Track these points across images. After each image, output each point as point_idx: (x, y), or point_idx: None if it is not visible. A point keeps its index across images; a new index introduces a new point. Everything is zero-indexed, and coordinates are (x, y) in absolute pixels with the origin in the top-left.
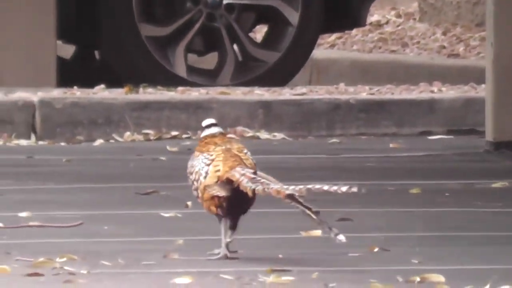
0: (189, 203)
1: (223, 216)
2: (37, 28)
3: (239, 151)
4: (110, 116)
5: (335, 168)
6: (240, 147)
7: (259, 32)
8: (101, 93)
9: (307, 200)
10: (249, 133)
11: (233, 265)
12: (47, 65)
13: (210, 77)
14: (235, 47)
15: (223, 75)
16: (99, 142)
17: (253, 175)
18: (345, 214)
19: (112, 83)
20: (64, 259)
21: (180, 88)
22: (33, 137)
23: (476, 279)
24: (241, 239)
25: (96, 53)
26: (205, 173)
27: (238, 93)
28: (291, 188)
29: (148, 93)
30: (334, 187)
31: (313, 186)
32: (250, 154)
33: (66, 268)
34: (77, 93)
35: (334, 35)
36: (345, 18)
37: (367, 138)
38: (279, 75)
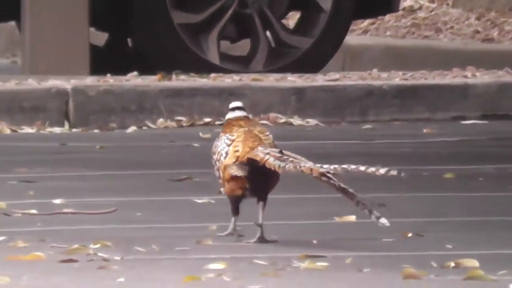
0: (222, 189)
1: (248, 196)
2: (70, 16)
3: (260, 133)
4: (143, 103)
5: (369, 154)
6: (262, 129)
7: (292, 19)
8: (134, 80)
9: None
10: (282, 119)
11: (267, 251)
12: (80, 53)
13: (242, 64)
14: (268, 33)
15: (255, 61)
16: (132, 129)
17: (279, 154)
18: (379, 200)
19: (145, 70)
20: (98, 245)
21: (213, 75)
22: (66, 124)
23: (511, 264)
24: (275, 225)
25: (129, 41)
26: (225, 153)
27: (271, 80)
28: (326, 166)
29: (181, 80)
30: (372, 169)
31: (349, 166)
32: (272, 138)
33: (100, 254)
34: (110, 80)
35: (367, 21)
36: (378, 4)
37: (400, 123)
38: (312, 62)
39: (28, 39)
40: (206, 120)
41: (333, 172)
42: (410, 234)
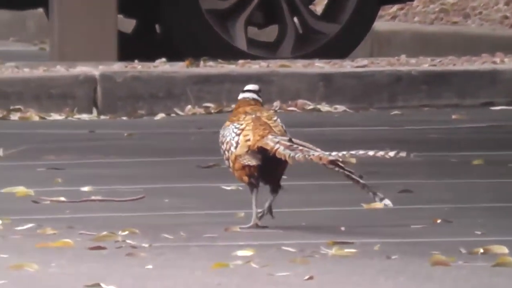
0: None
1: (256, 185)
2: (98, 3)
3: (268, 119)
4: (171, 90)
5: (397, 140)
6: (270, 114)
7: (319, 5)
8: (161, 66)
9: (368, 173)
10: (310, 105)
11: (295, 238)
12: (108, 40)
13: (270, 50)
14: (295, 19)
15: (283, 47)
16: (160, 116)
17: (288, 143)
18: (407, 186)
19: (173, 56)
20: (126, 232)
21: (241, 61)
22: (94, 111)
23: None
24: (303, 212)
25: (157, 27)
26: (236, 143)
27: (299, 66)
28: (334, 153)
29: (209, 66)
30: (381, 152)
31: (357, 151)
32: (280, 121)
33: (128, 241)
34: (138, 67)
35: (395, 7)
36: None
37: (429, 109)
38: (340, 48)
39: (56, 26)
40: (234, 106)
41: (341, 159)
42: (439, 221)
